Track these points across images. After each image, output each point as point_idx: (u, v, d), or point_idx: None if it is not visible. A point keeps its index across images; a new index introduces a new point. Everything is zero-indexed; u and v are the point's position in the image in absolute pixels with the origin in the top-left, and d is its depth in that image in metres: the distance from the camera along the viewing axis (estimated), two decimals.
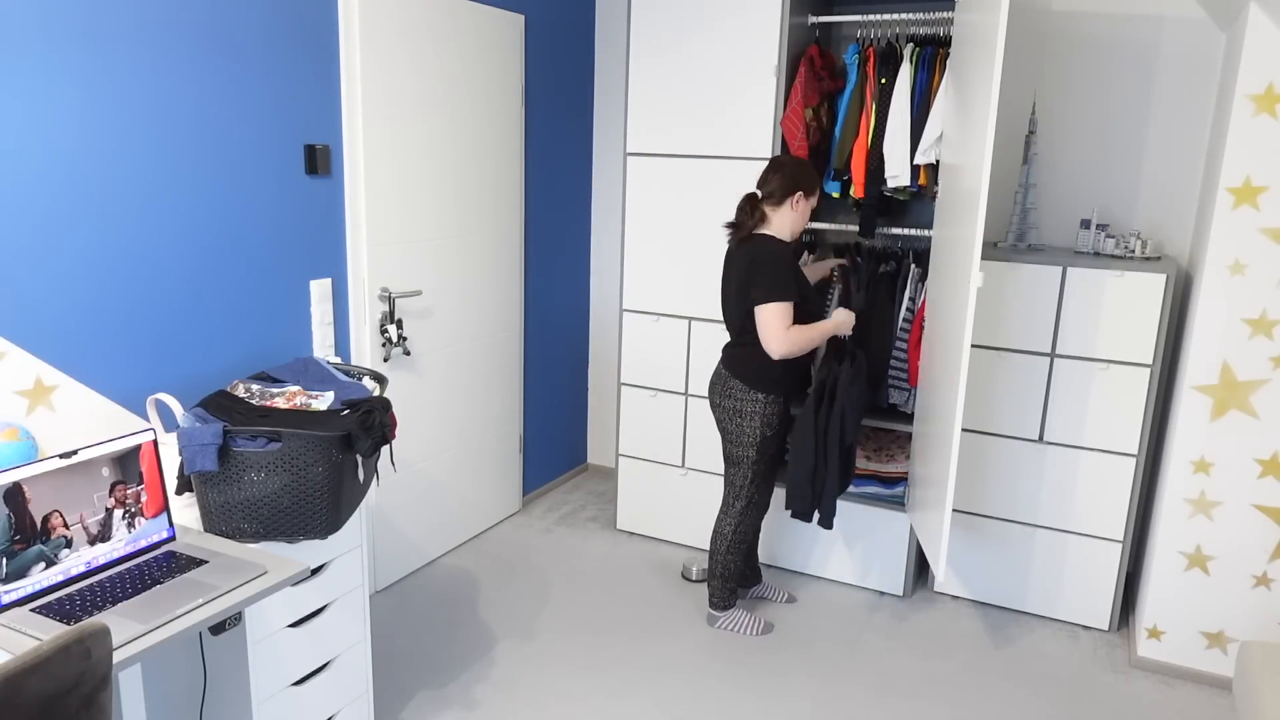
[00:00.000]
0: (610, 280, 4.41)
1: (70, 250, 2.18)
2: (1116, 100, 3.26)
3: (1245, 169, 2.61)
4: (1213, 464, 2.80)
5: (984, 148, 2.46)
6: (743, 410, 2.94)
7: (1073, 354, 3.05)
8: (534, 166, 3.90)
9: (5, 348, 2.06)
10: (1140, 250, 3.02)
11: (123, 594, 1.68)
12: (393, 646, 3.00)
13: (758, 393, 2.91)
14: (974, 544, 3.33)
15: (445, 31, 3.25)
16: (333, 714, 2.32)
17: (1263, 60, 2.55)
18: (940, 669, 2.97)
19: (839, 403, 2.91)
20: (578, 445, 4.59)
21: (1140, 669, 3.00)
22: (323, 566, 2.23)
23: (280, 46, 2.66)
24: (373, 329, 3.10)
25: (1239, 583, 2.83)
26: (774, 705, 2.76)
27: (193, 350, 2.53)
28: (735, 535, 3.06)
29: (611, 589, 3.43)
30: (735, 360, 2.94)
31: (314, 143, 2.82)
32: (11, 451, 1.94)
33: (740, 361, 2.92)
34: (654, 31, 3.44)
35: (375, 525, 3.28)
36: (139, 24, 2.25)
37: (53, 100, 2.09)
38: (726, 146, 3.39)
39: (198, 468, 1.86)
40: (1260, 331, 2.68)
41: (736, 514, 3.06)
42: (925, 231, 3.27)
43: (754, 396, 2.91)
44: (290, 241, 2.79)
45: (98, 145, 2.20)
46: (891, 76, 3.12)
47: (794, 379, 2.96)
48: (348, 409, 2.08)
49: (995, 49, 2.41)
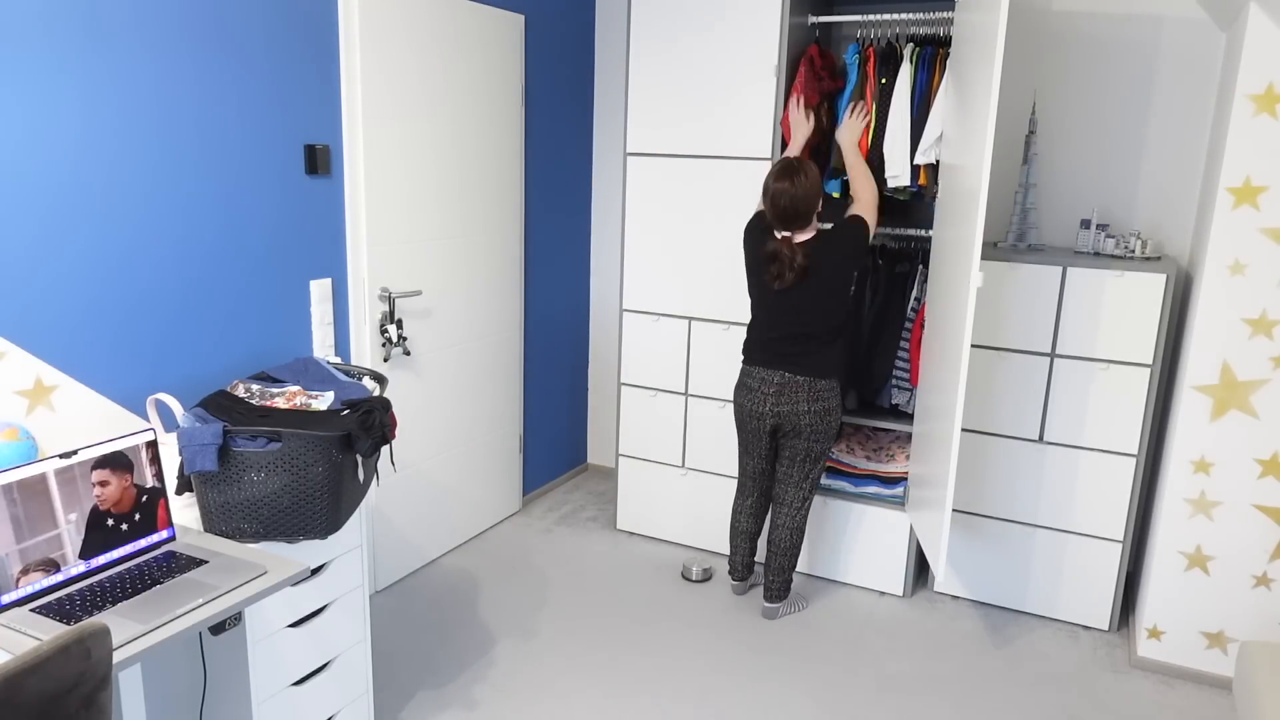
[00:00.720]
0: (610, 280, 4.41)
1: (70, 250, 2.18)
2: (1116, 100, 3.26)
3: (1245, 169, 2.61)
4: (1213, 464, 2.80)
5: (984, 148, 2.46)
6: (833, 408, 3.02)
7: (1073, 354, 3.05)
8: (534, 166, 3.90)
9: (5, 348, 2.06)
10: (1140, 250, 3.02)
11: (123, 594, 1.68)
12: (393, 646, 3.00)
13: (839, 385, 3.04)
14: (974, 544, 3.33)
15: (445, 31, 3.25)
16: (333, 714, 2.32)
17: (1263, 60, 2.55)
18: (940, 669, 2.97)
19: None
20: (578, 445, 4.59)
21: (1140, 669, 3.00)
22: (323, 566, 2.23)
23: (281, 47, 2.66)
24: (373, 329, 3.10)
25: (1239, 583, 2.83)
26: (774, 705, 2.76)
27: (193, 350, 2.53)
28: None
29: (611, 589, 3.43)
30: (826, 361, 2.97)
31: (314, 143, 2.82)
32: (11, 451, 1.94)
33: (830, 361, 2.98)
34: (654, 31, 3.44)
35: (375, 525, 3.28)
36: (140, 24, 2.25)
37: (54, 100, 2.09)
38: (726, 146, 3.39)
39: (198, 468, 1.86)
40: (1260, 331, 2.68)
41: (808, 507, 3.19)
42: (925, 231, 3.27)
43: (837, 390, 3.02)
44: (290, 241, 2.79)
45: (98, 145, 2.21)
46: (891, 76, 3.12)
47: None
48: (347, 409, 2.08)
49: (995, 49, 2.41)
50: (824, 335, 2.95)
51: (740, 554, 3.33)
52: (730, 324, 3.50)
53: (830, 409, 3.00)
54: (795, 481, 3.12)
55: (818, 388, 2.97)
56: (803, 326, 2.94)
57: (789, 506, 3.16)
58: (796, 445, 3.07)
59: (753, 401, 3.05)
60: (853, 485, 3.45)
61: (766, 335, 3.01)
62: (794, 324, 2.94)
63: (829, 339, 2.96)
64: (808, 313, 2.92)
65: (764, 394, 3.02)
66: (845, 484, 3.47)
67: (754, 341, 3.06)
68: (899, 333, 3.26)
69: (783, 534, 3.17)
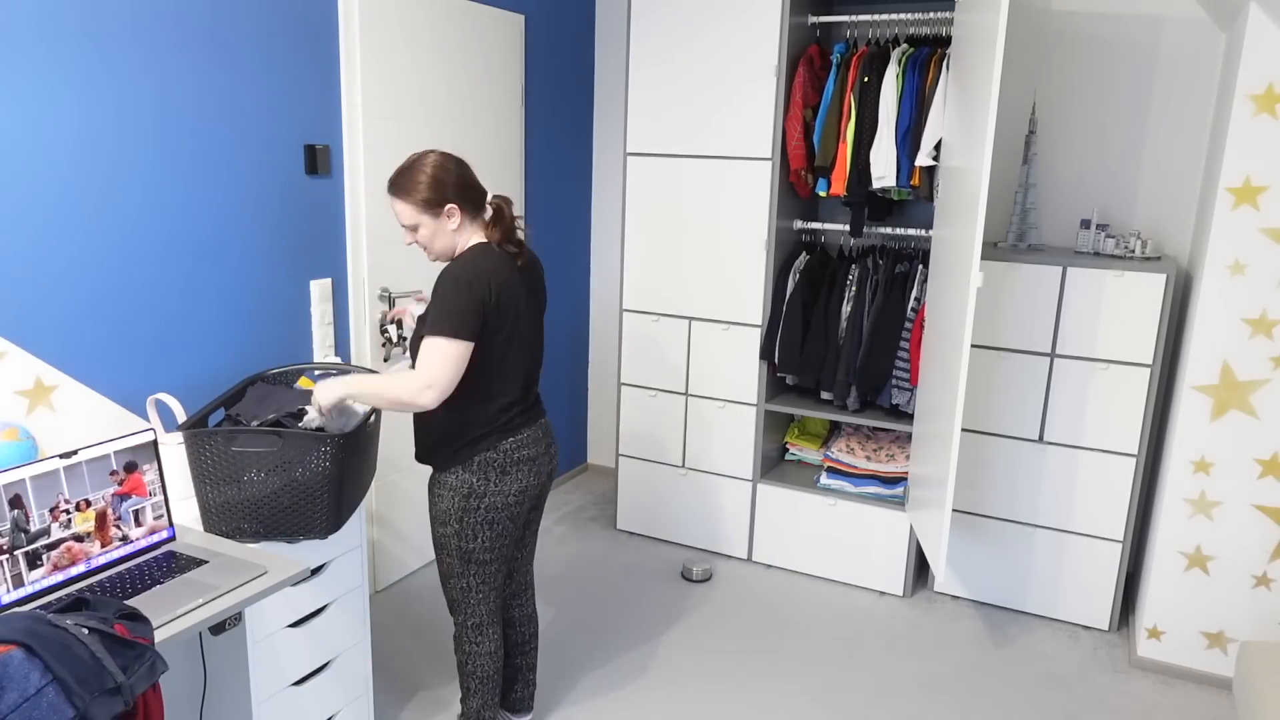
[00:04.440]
0: (610, 280, 4.41)
1: (70, 250, 2.18)
2: (1116, 100, 3.26)
3: (1245, 169, 2.61)
4: (1213, 464, 2.80)
5: (984, 148, 2.46)
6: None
7: (1073, 354, 3.05)
8: (534, 166, 3.90)
9: (5, 348, 2.06)
10: (1140, 250, 3.02)
11: (123, 594, 1.67)
12: (393, 646, 3.00)
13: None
14: (974, 544, 3.33)
15: (445, 31, 3.25)
16: (333, 714, 2.32)
17: (1263, 60, 2.55)
18: (940, 669, 2.97)
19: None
20: (578, 445, 4.59)
21: (1140, 669, 3.00)
22: (323, 566, 2.23)
23: (280, 47, 2.66)
24: (373, 329, 3.10)
25: (1239, 583, 2.83)
26: (774, 705, 2.76)
27: (193, 350, 2.53)
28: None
29: (611, 589, 3.43)
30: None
31: (314, 143, 2.82)
32: (11, 451, 1.94)
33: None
34: (654, 31, 3.44)
35: (375, 525, 3.28)
36: (139, 24, 2.25)
37: (53, 100, 2.09)
38: (726, 146, 3.39)
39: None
40: (1260, 331, 2.68)
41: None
42: (925, 232, 3.27)
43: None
44: (290, 241, 2.79)
45: (98, 145, 2.20)
46: (876, 76, 3.12)
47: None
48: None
49: (995, 49, 2.41)
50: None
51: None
52: (730, 324, 3.50)
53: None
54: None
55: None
56: (540, 360, 2.36)
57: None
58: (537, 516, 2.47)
59: (525, 480, 2.22)
60: (853, 485, 3.46)
61: (523, 391, 2.24)
62: (539, 360, 2.36)
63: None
64: (536, 339, 2.31)
65: (530, 460, 2.23)
66: (845, 484, 3.47)
67: (503, 408, 2.18)
68: (899, 333, 3.26)
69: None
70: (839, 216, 3.59)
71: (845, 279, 3.38)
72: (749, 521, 3.63)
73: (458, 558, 2.21)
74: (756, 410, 3.52)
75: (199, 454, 1.93)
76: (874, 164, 3.13)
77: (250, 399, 2.17)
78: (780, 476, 3.63)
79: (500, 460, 2.16)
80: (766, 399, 3.53)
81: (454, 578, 2.25)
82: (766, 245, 3.37)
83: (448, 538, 2.20)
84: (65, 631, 1.31)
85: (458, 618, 2.29)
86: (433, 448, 2.19)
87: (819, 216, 3.70)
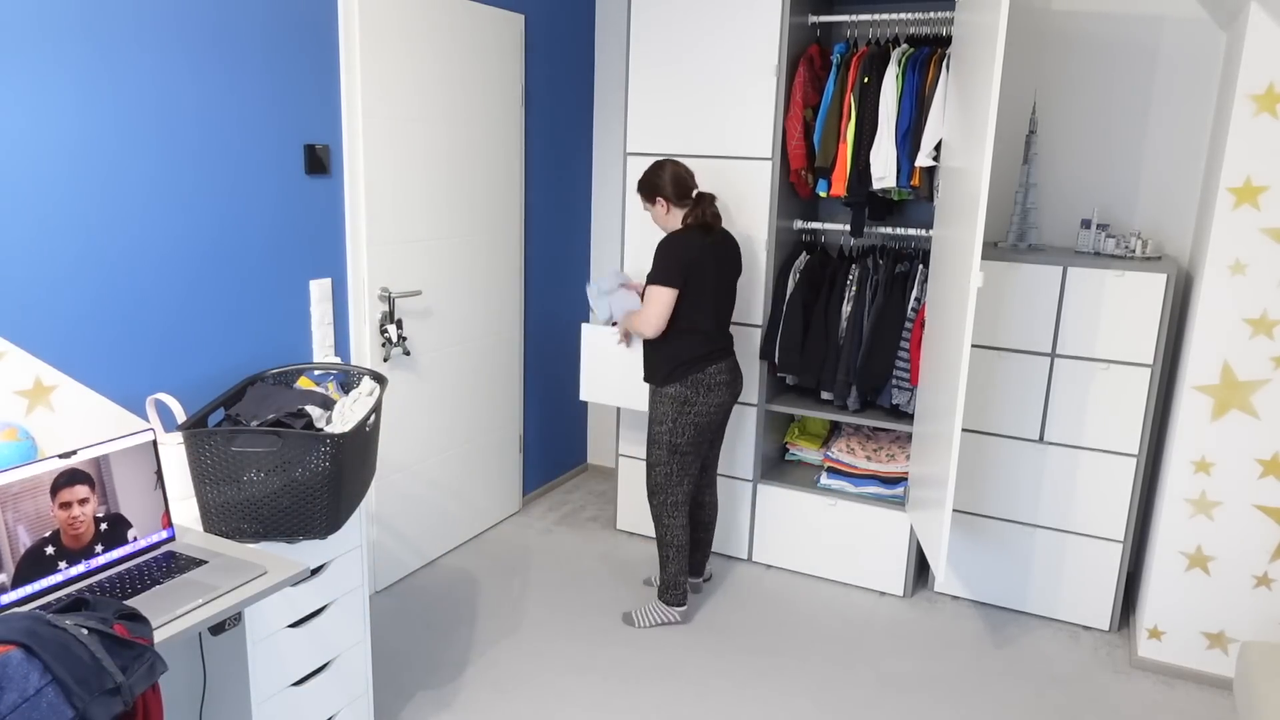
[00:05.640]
0: None
1: (70, 250, 2.18)
2: (1116, 100, 3.26)
3: (1246, 169, 2.61)
4: (1213, 464, 2.79)
5: (984, 148, 2.46)
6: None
7: (1073, 354, 3.05)
8: (534, 166, 3.90)
9: (5, 348, 2.06)
10: (1140, 250, 3.02)
11: (122, 594, 1.67)
12: (393, 646, 3.00)
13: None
14: (974, 544, 3.33)
15: (445, 31, 3.25)
16: (333, 714, 2.32)
17: (1263, 60, 2.55)
18: (940, 669, 2.97)
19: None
20: (578, 445, 4.59)
21: (1141, 669, 2.99)
22: (323, 566, 2.23)
23: (280, 46, 2.66)
24: (373, 329, 3.10)
25: (1239, 583, 2.83)
26: (774, 705, 2.75)
27: (193, 350, 2.53)
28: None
29: (611, 589, 3.43)
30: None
31: (314, 143, 2.82)
32: (11, 451, 1.94)
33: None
34: (654, 31, 3.44)
35: (375, 525, 3.28)
36: (139, 24, 2.25)
37: (53, 100, 2.09)
38: (727, 146, 3.38)
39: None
40: (1261, 331, 2.68)
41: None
42: (925, 232, 3.27)
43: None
44: (290, 241, 2.79)
45: (98, 145, 2.20)
46: (876, 76, 3.12)
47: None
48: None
49: (995, 49, 2.41)
50: (727, 325, 3.07)
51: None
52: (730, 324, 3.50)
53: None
54: (715, 463, 3.27)
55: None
56: (724, 316, 3.03)
57: (714, 482, 3.31)
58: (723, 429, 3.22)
59: (722, 397, 3.00)
60: (853, 485, 3.45)
61: (716, 328, 3.00)
62: (726, 311, 3.04)
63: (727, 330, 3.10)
64: (726, 302, 3.02)
65: (727, 384, 3.02)
66: (845, 484, 3.47)
67: (705, 339, 2.97)
68: (899, 333, 3.26)
69: (714, 509, 3.33)
70: (839, 217, 3.59)
71: (845, 279, 3.38)
72: (749, 521, 3.63)
73: (666, 449, 2.99)
74: (757, 410, 3.52)
75: (199, 454, 1.93)
76: (874, 164, 3.13)
77: (250, 399, 2.17)
78: (780, 476, 3.63)
79: (706, 380, 2.94)
80: (767, 399, 3.53)
81: (660, 465, 3.02)
82: (767, 245, 3.37)
83: (661, 434, 2.99)
84: (65, 632, 1.31)
85: (657, 499, 3.07)
86: (658, 367, 2.97)
87: (819, 216, 3.70)
